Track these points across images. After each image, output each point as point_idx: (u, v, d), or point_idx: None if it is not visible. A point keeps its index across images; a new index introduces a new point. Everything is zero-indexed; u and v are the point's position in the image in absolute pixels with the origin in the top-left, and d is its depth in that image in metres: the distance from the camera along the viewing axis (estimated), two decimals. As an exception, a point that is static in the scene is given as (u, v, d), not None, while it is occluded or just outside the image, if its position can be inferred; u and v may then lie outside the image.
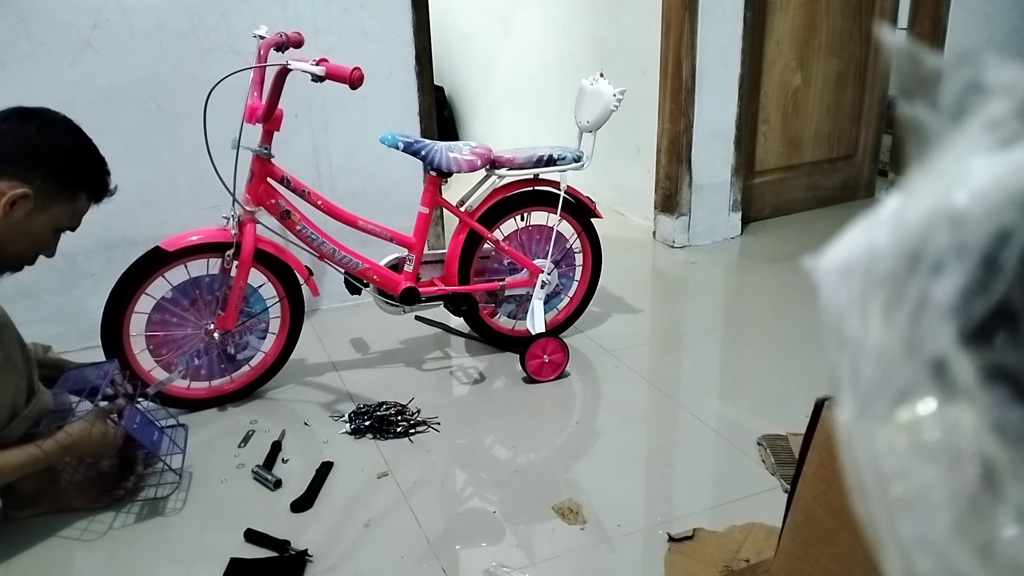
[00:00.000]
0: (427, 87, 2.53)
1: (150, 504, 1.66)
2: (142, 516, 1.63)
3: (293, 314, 2.03)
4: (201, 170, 1.82)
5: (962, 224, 0.28)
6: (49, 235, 1.51)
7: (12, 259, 1.50)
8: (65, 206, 1.50)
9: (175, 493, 1.69)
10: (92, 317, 1.82)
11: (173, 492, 1.69)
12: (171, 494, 1.69)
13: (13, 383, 1.45)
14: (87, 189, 1.52)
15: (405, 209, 2.23)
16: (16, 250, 1.49)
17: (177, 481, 1.71)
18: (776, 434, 1.84)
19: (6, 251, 1.47)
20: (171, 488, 1.70)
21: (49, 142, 1.46)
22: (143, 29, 2.16)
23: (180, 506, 1.65)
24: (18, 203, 1.42)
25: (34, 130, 1.45)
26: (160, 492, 1.69)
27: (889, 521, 0.30)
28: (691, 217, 3.03)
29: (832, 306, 0.33)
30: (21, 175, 1.42)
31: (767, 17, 3.01)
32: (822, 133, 3.35)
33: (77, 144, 1.51)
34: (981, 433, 0.28)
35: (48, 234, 1.51)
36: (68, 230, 1.55)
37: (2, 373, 1.43)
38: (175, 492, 1.69)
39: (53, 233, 1.52)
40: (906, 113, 0.31)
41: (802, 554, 0.94)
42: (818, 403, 0.92)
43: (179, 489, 1.70)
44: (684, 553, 1.49)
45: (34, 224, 1.46)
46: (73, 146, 1.50)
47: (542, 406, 2.03)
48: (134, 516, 1.63)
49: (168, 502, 1.66)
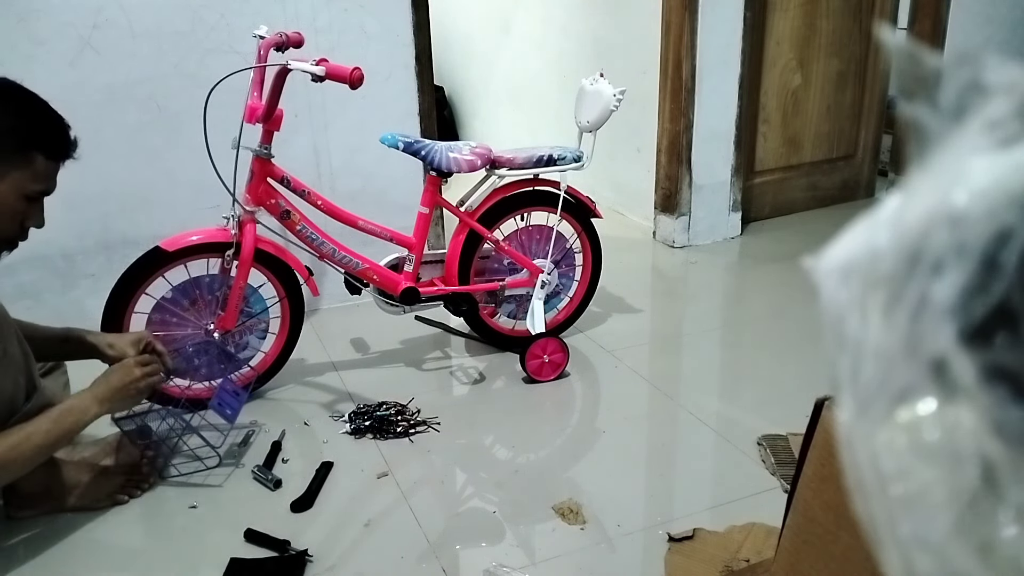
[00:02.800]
0: (427, 87, 2.53)
1: (150, 504, 1.66)
2: (142, 516, 1.63)
3: (293, 314, 2.03)
4: (201, 170, 1.82)
5: (962, 224, 0.28)
6: (19, 203, 1.44)
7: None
8: (22, 171, 1.42)
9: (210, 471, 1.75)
10: (92, 317, 1.82)
11: (215, 466, 1.76)
12: (211, 468, 1.75)
13: (12, 378, 1.44)
14: (40, 149, 1.44)
15: (405, 209, 2.23)
16: None
17: (218, 460, 1.77)
18: (776, 434, 1.84)
19: None
20: (212, 463, 1.76)
21: None
22: (143, 29, 2.16)
23: (182, 506, 1.65)
24: None
25: None
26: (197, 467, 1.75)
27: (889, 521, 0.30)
28: (691, 217, 3.03)
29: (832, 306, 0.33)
30: None
31: (767, 17, 3.01)
32: (822, 133, 3.35)
33: (13, 106, 1.42)
34: (981, 433, 0.28)
35: (17, 203, 1.43)
36: (42, 195, 1.48)
37: (1, 368, 1.42)
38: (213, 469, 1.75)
39: (25, 200, 1.44)
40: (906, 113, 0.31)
41: (802, 554, 0.94)
42: (818, 403, 0.92)
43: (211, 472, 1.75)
44: (684, 553, 1.49)
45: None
46: (7, 109, 1.41)
47: (542, 406, 2.03)
48: (134, 516, 1.63)
49: (171, 501, 1.67)
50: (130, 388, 1.57)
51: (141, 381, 1.59)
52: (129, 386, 1.57)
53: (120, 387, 1.56)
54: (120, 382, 1.57)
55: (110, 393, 1.55)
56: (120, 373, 1.59)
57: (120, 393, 1.56)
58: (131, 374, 1.59)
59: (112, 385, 1.56)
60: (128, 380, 1.58)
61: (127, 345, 1.69)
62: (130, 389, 1.58)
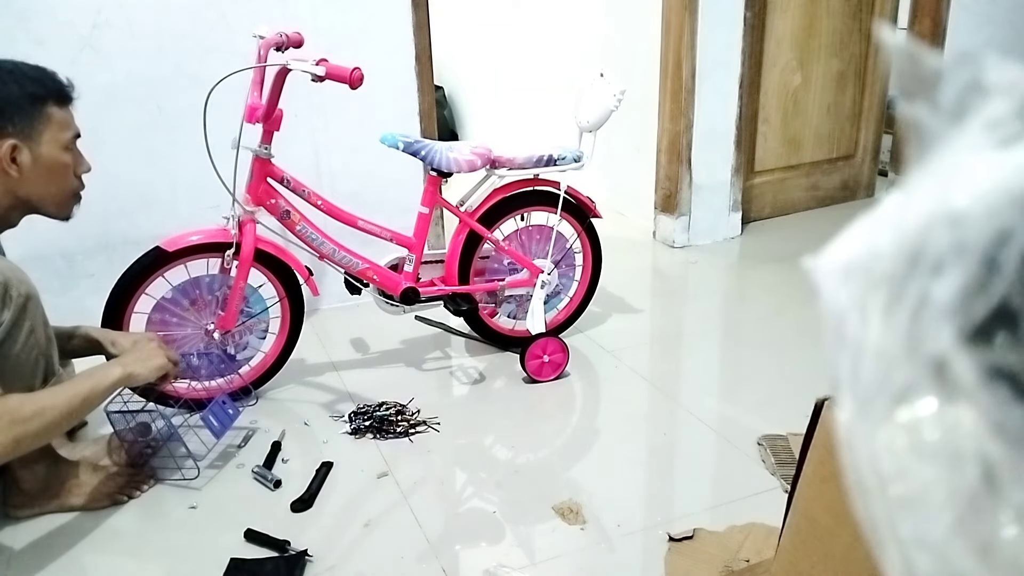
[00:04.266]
0: (427, 87, 2.53)
1: (150, 504, 1.66)
2: (142, 516, 1.63)
3: (293, 314, 2.03)
4: (201, 170, 1.82)
5: (962, 224, 0.28)
6: (65, 155, 1.52)
7: (62, 194, 1.54)
8: (49, 127, 1.49)
9: (188, 482, 1.72)
10: (92, 317, 1.82)
11: (191, 479, 1.72)
12: (189, 479, 1.72)
13: (33, 359, 1.45)
14: (49, 101, 1.50)
15: (405, 209, 2.23)
16: (56, 187, 1.52)
17: (197, 473, 1.74)
18: (776, 434, 1.84)
19: (50, 192, 1.51)
20: (191, 474, 1.73)
21: None
22: (143, 29, 2.16)
23: (181, 506, 1.65)
24: (16, 154, 1.44)
25: None
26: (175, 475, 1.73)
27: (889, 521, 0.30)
28: (691, 217, 3.03)
29: (832, 306, 0.33)
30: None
31: (767, 17, 3.01)
32: (822, 133, 3.34)
33: (10, 76, 1.47)
34: (981, 433, 0.28)
35: (64, 155, 1.52)
36: (75, 138, 1.55)
37: (25, 348, 1.43)
38: (190, 480, 1.72)
39: (67, 151, 1.52)
40: (906, 113, 0.31)
41: (802, 554, 0.94)
42: (818, 403, 0.92)
43: (190, 482, 1.72)
44: (684, 553, 1.49)
45: (45, 159, 1.48)
46: (9, 80, 1.46)
47: (542, 406, 2.03)
48: (134, 516, 1.63)
49: (170, 501, 1.67)
50: (153, 356, 1.59)
51: (162, 353, 1.61)
52: (152, 354, 1.60)
53: (144, 353, 1.59)
54: (143, 347, 1.61)
55: (132, 358, 1.57)
56: (143, 341, 1.64)
57: (143, 357, 1.58)
58: (152, 341, 1.64)
59: (135, 353, 1.60)
60: (151, 346, 1.62)
61: (130, 344, 1.70)
62: (153, 356, 1.59)
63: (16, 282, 1.43)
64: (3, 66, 1.48)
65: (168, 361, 1.62)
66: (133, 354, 1.59)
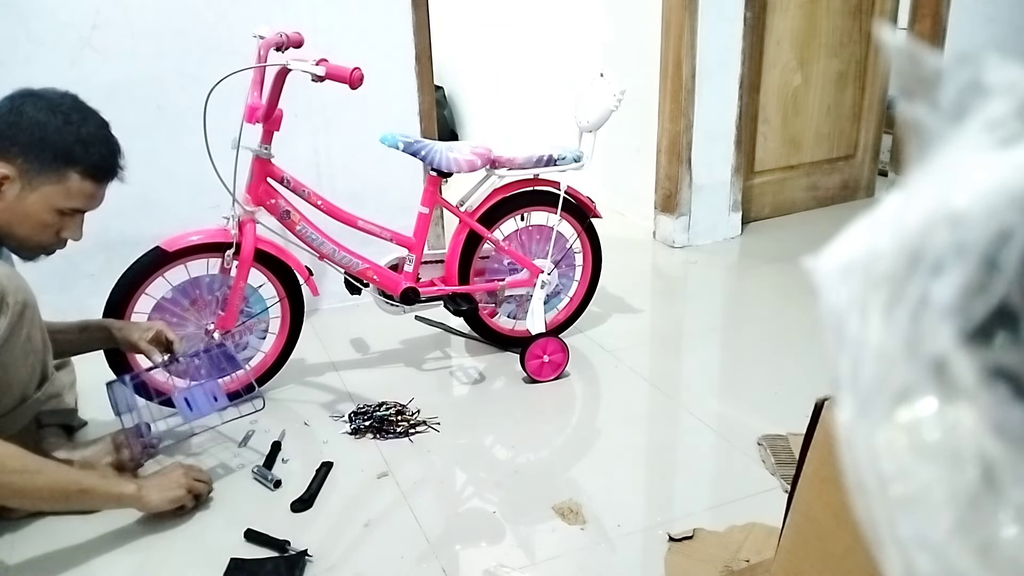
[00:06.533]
0: (427, 87, 2.53)
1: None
2: (141, 516, 1.63)
3: (293, 314, 2.03)
4: (201, 170, 1.82)
5: (962, 224, 0.28)
6: (50, 216, 1.46)
7: (28, 242, 1.48)
8: (55, 186, 1.44)
9: None
10: (92, 317, 1.82)
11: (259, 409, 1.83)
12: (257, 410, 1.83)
13: (29, 365, 1.45)
14: (76, 167, 1.46)
15: (405, 209, 2.23)
16: (23, 232, 1.46)
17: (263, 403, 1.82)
18: (776, 434, 1.84)
19: (15, 233, 1.45)
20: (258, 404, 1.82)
21: (21, 120, 1.42)
22: (143, 29, 2.16)
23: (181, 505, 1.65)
24: (4, 184, 1.41)
25: (5, 110, 1.43)
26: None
27: (889, 521, 0.30)
28: (691, 217, 3.03)
29: (832, 306, 0.33)
30: (2, 157, 1.41)
31: (767, 17, 3.01)
32: (822, 133, 3.34)
33: (60, 119, 1.44)
34: (981, 433, 0.28)
35: (47, 215, 1.45)
36: (79, 211, 1.50)
37: (22, 352, 1.43)
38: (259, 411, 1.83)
39: (57, 214, 1.46)
40: (906, 113, 0.31)
41: (802, 554, 0.94)
42: (818, 403, 0.92)
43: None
44: (684, 553, 1.49)
45: (28, 205, 1.43)
46: (45, 122, 1.43)
47: (542, 406, 2.03)
48: (133, 516, 1.63)
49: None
50: (172, 488, 1.55)
51: (184, 485, 1.56)
52: (173, 485, 1.55)
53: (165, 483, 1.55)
54: (168, 476, 1.57)
55: (152, 483, 1.55)
56: (171, 469, 1.59)
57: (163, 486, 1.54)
58: (179, 470, 1.58)
59: (157, 479, 1.56)
60: (175, 475, 1.57)
61: (134, 329, 1.72)
62: (172, 488, 1.55)
63: (13, 289, 1.42)
64: (73, 108, 1.46)
65: (188, 493, 1.57)
66: (156, 479, 1.56)
